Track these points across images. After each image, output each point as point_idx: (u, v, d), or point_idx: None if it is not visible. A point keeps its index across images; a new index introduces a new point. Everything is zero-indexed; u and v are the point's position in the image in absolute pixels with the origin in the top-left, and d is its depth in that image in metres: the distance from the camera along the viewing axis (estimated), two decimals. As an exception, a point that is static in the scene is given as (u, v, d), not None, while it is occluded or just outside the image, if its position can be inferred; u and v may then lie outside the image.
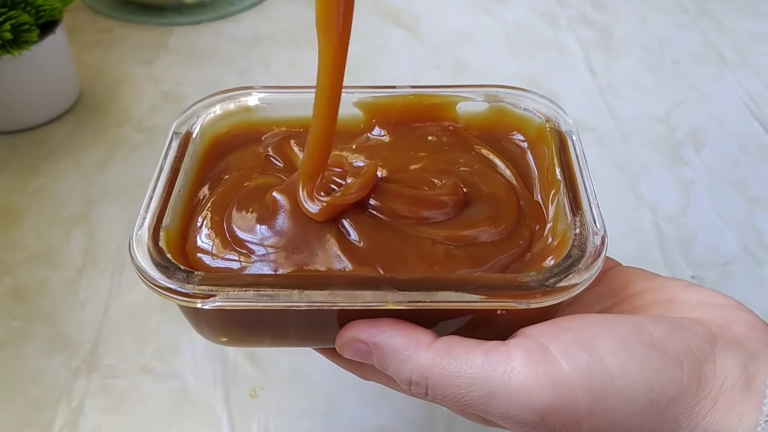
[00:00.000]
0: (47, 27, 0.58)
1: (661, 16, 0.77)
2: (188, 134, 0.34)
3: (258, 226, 0.30)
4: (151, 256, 0.28)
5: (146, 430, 0.41)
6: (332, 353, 0.30)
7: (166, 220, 0.30)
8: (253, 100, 0.36)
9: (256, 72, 0.69)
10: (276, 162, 0.35)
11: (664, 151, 0.59)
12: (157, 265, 0.27)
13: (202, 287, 0.26)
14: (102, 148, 0.59)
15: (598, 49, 0.71)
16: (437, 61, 0.70)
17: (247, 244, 0.30)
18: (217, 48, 0.72)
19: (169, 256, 0.28)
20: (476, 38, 0.74)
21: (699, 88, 0.66)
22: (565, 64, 0.70)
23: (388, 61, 0.70)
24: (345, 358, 0.29)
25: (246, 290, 0.26)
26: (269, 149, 0.35)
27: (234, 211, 0.31)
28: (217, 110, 0.35)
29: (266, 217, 0.30)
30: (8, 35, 0.53)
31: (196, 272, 0.27)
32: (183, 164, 0.32)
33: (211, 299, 0.26)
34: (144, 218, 0.29)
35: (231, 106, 0.36)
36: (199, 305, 0.26)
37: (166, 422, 0.41)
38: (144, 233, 0.29)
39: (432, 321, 0.28)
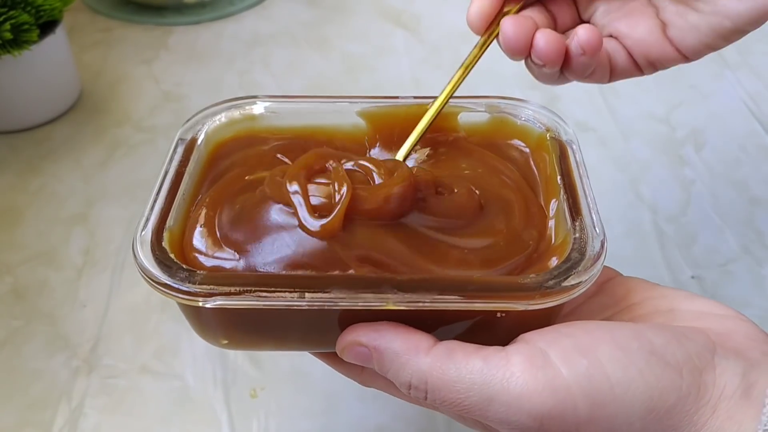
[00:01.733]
0: (47, 27, 0.58)
1: (662, 16, 0.77)
2: (193, 140, 0.34)
3: (252, 223, 0.30)
4: (154, 254, 0.28)
5: (146, 430, 0.41)
6: (332, 358, 0.30)
7: (169, 222, 0.30)
8: (258, 108, 0.36)
9: (256, 72, 0.69)
10: (284, 160, 0.35)
11: (664, 151, 0.59)
12: (160, 263, 0.27)
13: (204, 286, 0.27)
14: (102, 148, 0.59)
15: (598, 49, 0.71)
16: (438, 61, 0.70)
17: (240, 242, 0.29)
18: (218, 48, 0.72)
19: (171, 256, 0.28)
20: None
21: (699, 88, 0.66)
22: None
23: (388, 62, 0.70)
24: (345, 363, 0.29)
25: (247, 289, 0.26)
26: (277, 149, 0.35)
27: (226, 208, 0.31)
28: (222, 118, 0.35)
29: (261, 214, 0.30)
30: (8, 35, 0.53)
31: (198, 271, 0.27)
32: (188, 168, 0.32)
33: (212, 298, 0.26)
34: (148, 219, 0.29)
35: (236, 114, 0.36)
36: (200, 304, 0.27)
37: (166, 422, 0.41)
38: (147, 233, 0.29)
39: (432, 324, 0.28)
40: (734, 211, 0.54)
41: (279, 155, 0.35)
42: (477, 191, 0.32)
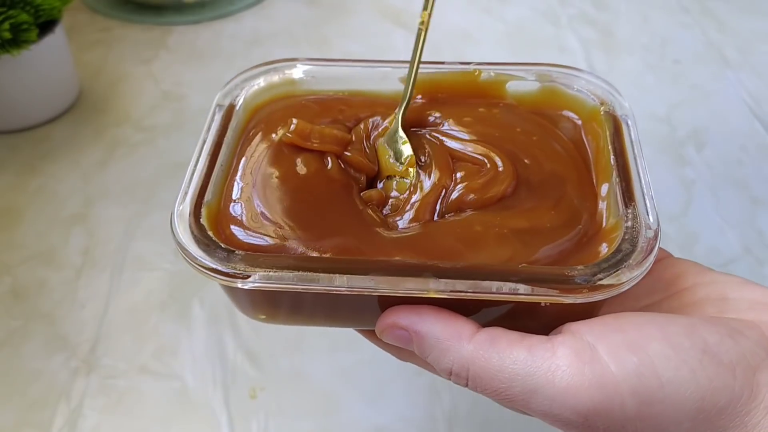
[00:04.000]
0: (46, 26, 0.58)
1: (663, 16, 0.76)
2: (231, 107, 0.33)
3: (291, 198, 0.29)
4: (192, 233, 0.27)
5: (145, 430, 0.40)
6: (372, 334, 0.30)
7: (207, 196, 0.29)
8: (297, 72, 0.35)
9: (256, 71, 0.68)
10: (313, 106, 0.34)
11: (665, 151, 0.59)
12: (198, 243, 0.27)
13: (242, 267, 0.26)
14: (101, 148, 0.59)
15: (599, 49, 0.71)
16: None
17: (279, 218, 0.29)
18: (217, 47, 0.72)
19: (210, 233, 0.27)
20: (477, 37, 0.74)
21: (700, 88, 0.66)
22: (566, 63, 0.69)
23: (388, 61, 0.70)
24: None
25: (286, 272, 0.26)
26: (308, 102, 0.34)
27: (262, 178, 0.30)
28: (261, 82, 0.35)
29: (299, 189, 0.29)
30: (7, 35, 0.53)
31: (236, 251, 0.27)
32: (225, 138, 0.31)
33: (250, 279, 0.26)
34: (186, 193, 0.29)
35: (275, 78, 0.35)
36: (239, 285, 0.26)
37: (166, 422, 0.41)
38: (186, 209, 0.28)
39: (473, 309, 0.27)
40: (735, 210, 0.53)
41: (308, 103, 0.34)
42: (527, 161, 0.31)
